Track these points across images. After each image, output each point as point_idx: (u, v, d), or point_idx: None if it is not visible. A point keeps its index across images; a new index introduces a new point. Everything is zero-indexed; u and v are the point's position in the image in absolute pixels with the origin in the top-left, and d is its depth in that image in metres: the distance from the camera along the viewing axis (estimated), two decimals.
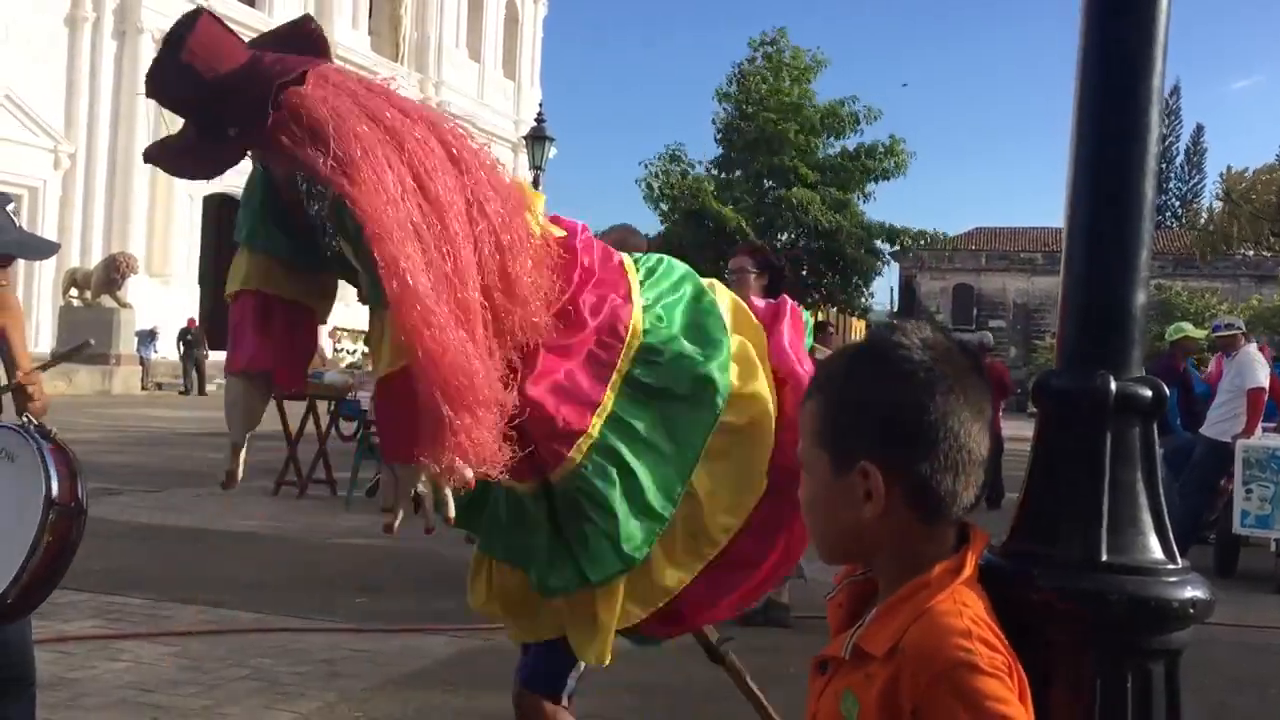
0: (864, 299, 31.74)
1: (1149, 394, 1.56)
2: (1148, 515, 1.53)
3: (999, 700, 1.20)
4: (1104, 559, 1.48)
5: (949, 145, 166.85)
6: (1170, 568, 1.51)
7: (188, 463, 12.37)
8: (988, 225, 61.21)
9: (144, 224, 31.32)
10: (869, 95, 56.73)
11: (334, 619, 5.94)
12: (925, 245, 34.19)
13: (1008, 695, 1.21)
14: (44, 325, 26.78)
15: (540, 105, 28.34)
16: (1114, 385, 1.54)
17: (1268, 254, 43.76)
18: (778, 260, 5.71)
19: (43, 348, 23.48)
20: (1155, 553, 1.52)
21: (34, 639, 3.22)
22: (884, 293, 61.46)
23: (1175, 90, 74.37)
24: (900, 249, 31.58)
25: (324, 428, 11.11)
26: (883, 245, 30.37)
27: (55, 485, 2.72)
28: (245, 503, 9.62)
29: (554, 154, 24.37)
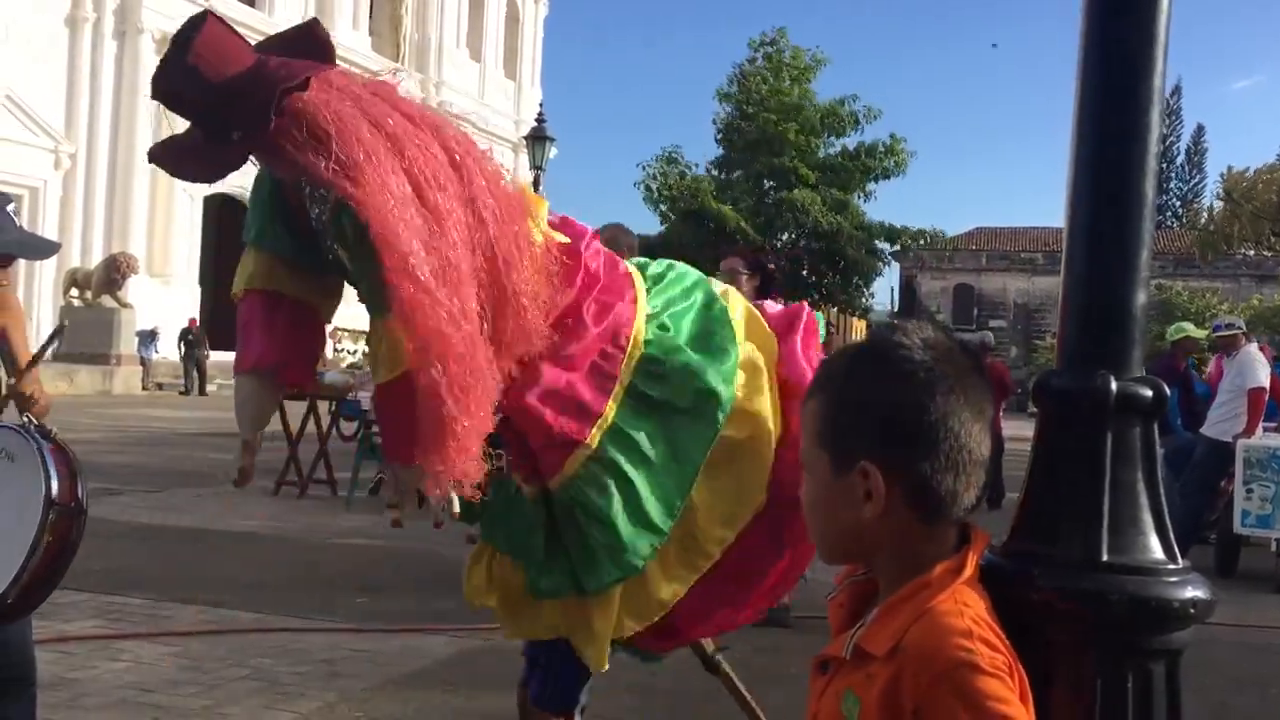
0: (865, 299, 31.72)
1: (1149, 394, 1.56)
2: (1148, 515, 1.53)
3: (1000, 700, 1.20)
4: (1105, 559, 1.48)
5: (949, 145, 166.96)
6: (1171, 568, 1.51)
7: (188, 463, 12.35)
8: (988, 225, 61.23)
9: (144, 224, 31.34)
10: (869, 95, 56.73)
11: (334, 619, 5.94)
12: (925, 245, 34.16)
13: (1009, 695, 1.21)
14: (45, 325, 26.76)
15: (541, 105, 28.33)
16: (1114, 385, 1.53)
17: (1268, 254, 43.79)
18: (768, 262, 5.75)
19: None
20: (1156, 553, 1.51)
21: (34, 639, 3.22)
22: (884, 293, 61.47)
23: (1176, 90, 74.52)
24: (901, 249, 31.57)
25: (325, 428, 11.11)
26: (883, 245, 30.36)
27: (55, 485, 2.72)
28: (245, 503, 9.59)
29: (554, 154, 24.37)
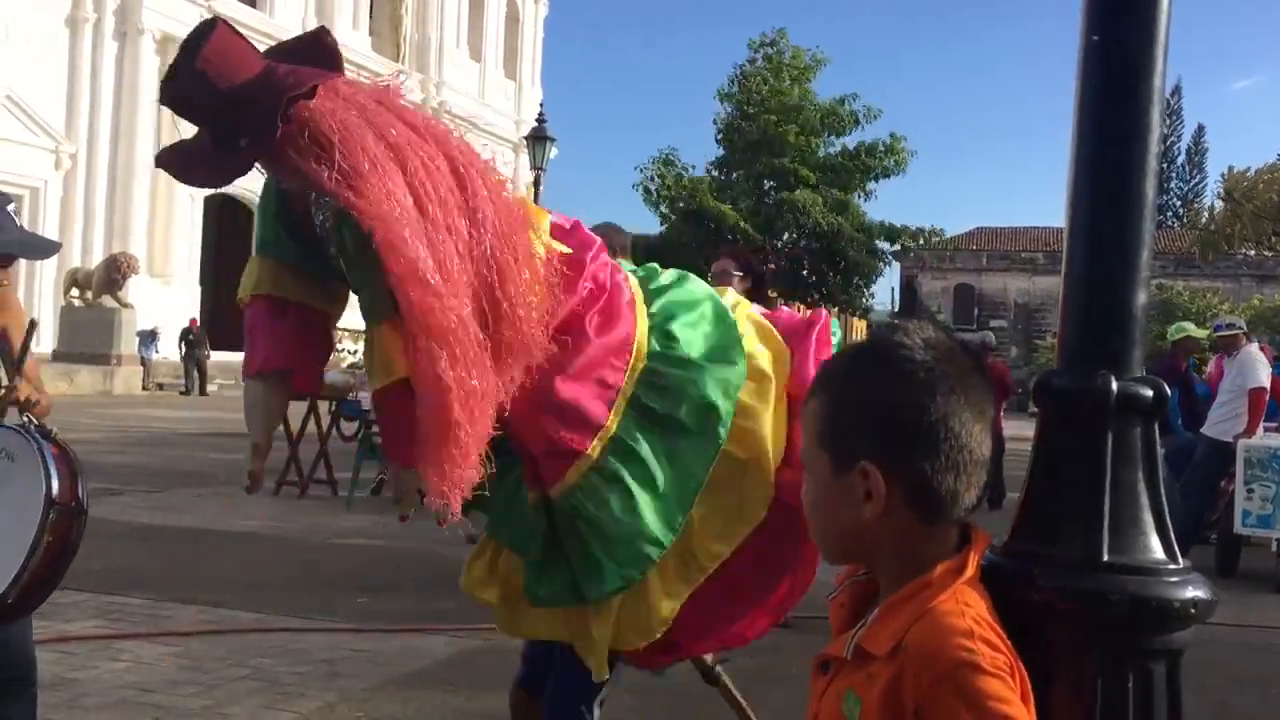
0: (865, 299, 31.72)
1: (1150, 394, 1.55)
2: (1149, 515, 1.53)
3: (1001, 700, 1.20)
4: (1105, 559, 1.48)
5: (949, 145, 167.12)
6: (1171, 568, 1.51)
7: (188, 463, 12.34)
8: (989, 225, 61.23)
9: (145, 224, 31.34)
10: (869, 95, 56.67)
11: (334, 619, 5.94)
12: (925, 244, 34.16)
13: (1010, 695, 1.21)
14: (45, 325, 26.76)
15: (541, 105, 28.32)
16: (1115, 385, 1.53)
17: (1269, 254, 43.77)
18: (764, 263, 5.73)
19: (44, 348, 23.50)
20: (1156, 553, 1.51)
21: (35, 639, 3.22)
22: (885, 293, 61.55)
23: (1176, 90, 74.58)
24: (901, 249, 31.56)
25: (325, 428, 11.12)
26: (883, 245, 30.36)
27: (56, 485, 2.72)
28: (245, 503, 9.59)
29: (555, 154, 24.37)
